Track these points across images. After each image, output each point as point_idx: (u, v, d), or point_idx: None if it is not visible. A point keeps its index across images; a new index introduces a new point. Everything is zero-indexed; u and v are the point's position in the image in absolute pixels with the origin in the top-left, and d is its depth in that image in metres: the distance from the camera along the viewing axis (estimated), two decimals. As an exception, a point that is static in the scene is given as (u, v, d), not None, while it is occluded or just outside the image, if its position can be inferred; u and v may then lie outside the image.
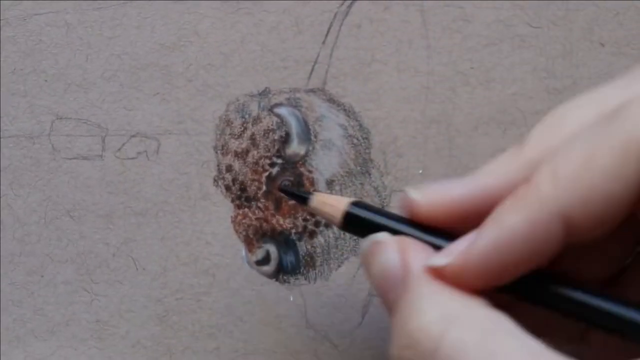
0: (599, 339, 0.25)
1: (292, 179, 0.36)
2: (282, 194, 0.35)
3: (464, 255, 0.23)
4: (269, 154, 0.36)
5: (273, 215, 0.36)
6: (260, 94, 0.36)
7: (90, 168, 0.36)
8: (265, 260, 0.36)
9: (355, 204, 0.28)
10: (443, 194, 0.25)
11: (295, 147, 0.36)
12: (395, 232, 0.26)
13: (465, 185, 0.24)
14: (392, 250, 0.25)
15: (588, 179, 0.21)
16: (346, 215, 0.28)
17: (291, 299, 0.36)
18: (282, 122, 0.36)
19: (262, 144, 0.36)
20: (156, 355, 0.37)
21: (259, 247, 0.36)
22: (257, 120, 0.36)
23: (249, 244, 0.36)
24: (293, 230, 0.36)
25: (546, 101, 0.36)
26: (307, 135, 0.36)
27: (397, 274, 0.24)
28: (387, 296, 0.25)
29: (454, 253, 0.23)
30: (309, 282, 0.36)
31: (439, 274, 0.23)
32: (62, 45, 0.36)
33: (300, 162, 0.36)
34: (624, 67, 0.36)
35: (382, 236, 0.26)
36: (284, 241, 0.36)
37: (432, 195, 0.25)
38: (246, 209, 0.36)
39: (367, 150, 0.36)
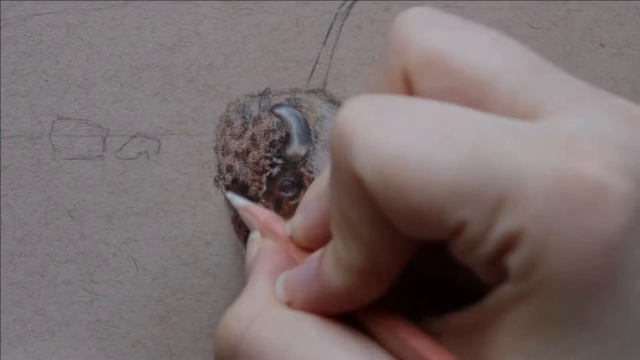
0: None
1: (292, 179, 0.36)
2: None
3: (300, 300, 0.24)
4: (269, 155, 0.36)
5: (273, 216, 0.36)
6: (260, 95, 0.36)
7: (91, 168, 0.36)
8: (266, 260, 0.36)
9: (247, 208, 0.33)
10: (301, 228, 0.27)
11: (296, 148, 0.36)
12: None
13: (313, 215, 0.27)
14: (252, 248, 0.29)
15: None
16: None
17: (291, 299, 0.36)
18: (282, 122, 0.36)
19: (262, 145, 0.36)
20: (156, 355, 0.37)
21: (260, 248, 0.36)
22: (257, 120, 0.36)
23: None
24: (293, 231, 0.36)
25: (546, 102, 0.36)
26: (307, 135, 0.36)
27: (249, 270, 0.28)
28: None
29: (291, 293, 0.24)
30: (310, 282, 0.37)
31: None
32: (63, 45, 0.36)
33: (301, 163, 0.36)
34: (625, 68, 0.36)
35: (253, 235, 0.30)
36: (285, 241, 0.36)
37: (296, 228, 0.28)
38: (247, 210, 0.36)
39: (367, 151, 0.36)
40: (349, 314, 0.23)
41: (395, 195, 0.19)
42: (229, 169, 0.36)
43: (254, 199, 0.36)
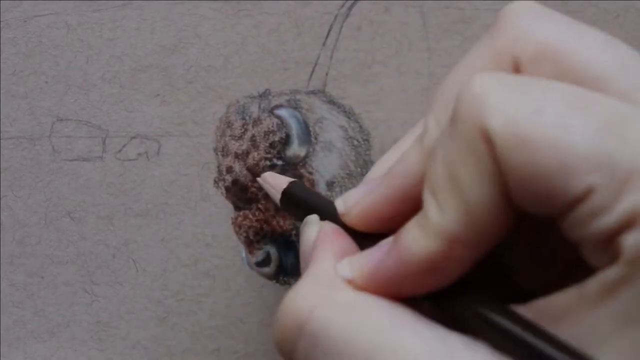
0: None
1: (292, 180, 0.36)
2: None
3: (368, 276, 0.23)
4: (269, 156, 0.36)
5: (273, 217, 0.36)
6: (260, 96, 0.36)
7: (91, 169, 0.36)
8: (266, 261, 0.36)
9: (294, 183, 0.30)
10: (360, 204, 0.25)
11: (296, 149, 0.36)
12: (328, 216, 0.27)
13: (379, 190, 0.24)
14: (311, 231, 0.26)
15: (461, 196, 0.21)
16: (284, 193, 0.29)
17: (291, 301, 0.36)
18: (282, 123, 0.36)
19: (262, 146, 0.36)
20: (156, 356, 0.37)
21: (260, 249, 0.36)
22: (257, 121, 0.36)
23: (250, 245, 0.36)
24: (293, 232, 0.36)
25: (546, 103, 0.36)
26: (307, 136, 0.36)
27: (308, 256, 0.25)
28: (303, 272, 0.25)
29: (358, 268, 0.23)
30: (309, 283, 0.36)
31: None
32: (63, 46, 0.36)
33: (301, 164, 0.36)
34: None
35: (311, 218, 0.27)
36: (285, 242, 0.36)
37: (352, 206, 0.25)
38: (247, 211, 0.36)
39: (367, 152, 0.36)
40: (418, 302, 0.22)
41: (527, 154, 0.19)
42: (229, 170, 0.36)
43: (254, 200, 0.36)
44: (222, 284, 0.36)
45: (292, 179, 0.30)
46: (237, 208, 0.36)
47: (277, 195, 0.30)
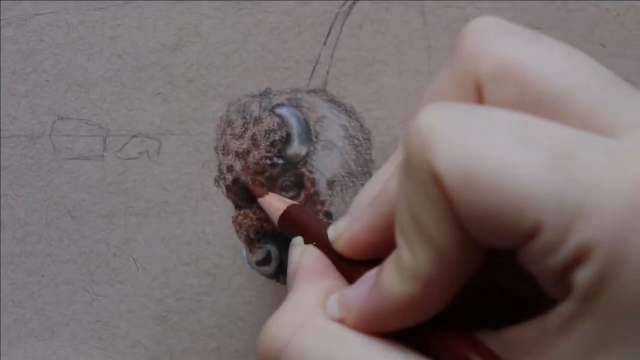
0: None
1: (293, 179, 0.36)
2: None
3: (356, 316, 0.23)
4: (270, 155, 0.36)
5: (274, 216, 0.36)
6: (261, 95, 0.36)
7: (92, 168, 0.36)
8: (266, 260, 0.36)
9: (294, 206, 0.32)
10: (348, 231, 0.26)
11: (296, 148, 0.36)
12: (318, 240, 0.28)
13: (364, 218, 0.25)
14: (295, 254, 0.28)
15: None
16: (282, 217, 0.31)
17: (292, 299, 0.36)
18: (283, 122, 0.36)
19: (263, 145, 0.36)
20: (156, 355, 0.37)
21: (260, 248, 0.36)
22: (258, 120, 0.36)
23: (250, 244, 0.36)
24: (294, 231, 0.36)
25: (547, 102, 0.36)
26: (308, 135, 0.36)
27: (292, 278, 0.26)
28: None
29: (346, 309, 0.23)
30: (310, 282, 0.36)
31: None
32: (63, 45, 0.36)
33: (301, 163, 0.36)
34: (625, 68, 0.36)
35: (296, 240, 0.29)
36: (285, 241, 0.36)
37: (341, 233, 0.26)
38: (247, 209, 0.36)
39: (368, 151, 0.36)
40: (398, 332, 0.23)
41: (475, 194, 0.19)
42: (230, 168, 0.36)
43: (255, 199, 0.36)
44: (223, 282, 0.36)
45: (293, 202, 0.32)
46: (238, 207, 0.36)
47: (275, 217, 0.32)
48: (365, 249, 0.25)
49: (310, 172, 0.36)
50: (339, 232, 0.26)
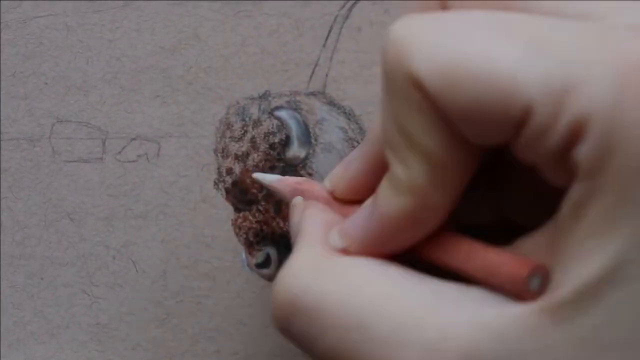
0: None
1: (292, 181, 0.36)
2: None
3: (359, 242, 0.23)
4: (269, 157, 0.36)
5: (273, 218, 0.36)
6: (260, 97, 0.36)
7: (91, 171, 0.36)
8: (266, 263, 0.36)
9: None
10: (344, 178, 0.26)
11: (296, 150, 0.36)
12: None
13: (356, 162, 0.26)
14: (298, 210, 0.28)
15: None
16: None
17: (291, 302, 0.36)
18: (282, 125, 0.36)
19: (262, 147, 0.36)
20: (156, 357, 0.37)
21: (259, 250, 0.36)
22: (257, 123, 0.36)
23: (249, 246, 0.36)
24: (293, 233, 0.36)
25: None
26: (307, 138, 0.36)
27: (296, 234, 0.26)
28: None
29: (347, 237, 0.24)
30: (309, 285, 0.36)
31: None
32: (62, 48, 0.36)
33: (301, 165, 0.36)
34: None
35: (296, 199, 0.28)
36: (284, 244, 0.36)
37: (337, 182, 0.27)
38: (246, 212, 0.36)
39: (367, 153, 0.36)
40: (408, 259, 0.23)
41: (459, 90, 0.19)
42: (229, 171, 0.36)
43: (254, 201, 0.36)
44: (222, 285, 0.36)
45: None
46: (237, 209, 0.36)
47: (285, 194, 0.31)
48: (362, 191, 0.26)
49: (310, 174, 0.36)
50: (335, 181, 0.27)
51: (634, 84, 0.18)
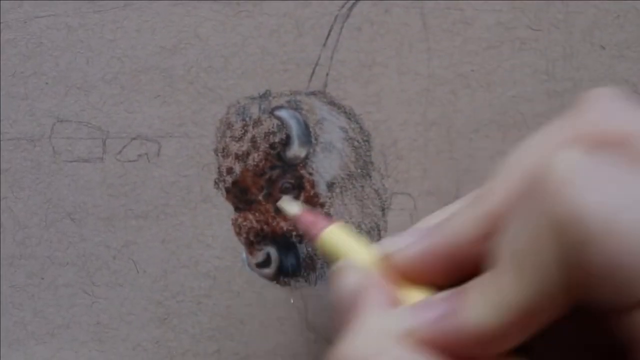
0: None
1: (292, 181, 0.36)
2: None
3: (428, 331, 0.22)
4: (269, 157, 0.36)
5: (274, 218, 0.36)
6: (260, 97, 0.36)
7: (91, 171, 0.36)
8: (266, 262, 0.36)
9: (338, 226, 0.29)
10: (408, 250, 0.24)
11: (296, 150, 0.36)
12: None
13: (428, 240, 0.24)
14: (350, 277, 0.25)
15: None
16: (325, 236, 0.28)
17: (292, 302, 0.36)
18: (282, 124, 0.36)
19: (262, 147, 0.36)
20: (157, 357, 0.37)
21: (260, 250, 0.36)
22: (257, 122, 0.36)
23: (250, 246, 0.36)
24: (294, 233, 0.36)
25: (546, 104, 0.36)
26: (307, 137, 0.36)
27: (346, 304, 0.24)
28: (339, 318, 0.25)
29: (417, 321, 0.22)
30: (310, 284, 0.36)
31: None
32: (63, 47, 0.36)
33: (301, 165, 0.36)
34: (625, 69, 0.36)
35: (350, 262, 0.26)
36: (285, 244, 0.36)
37: (396, 252, 0.25)
38: (247, 212, 0.36)
39: (367, 153, 0.36)
40: None
41: (618, 241, 0.18)
42: (229, 171, 0.36)
43: (254, 201, 0.36)
44: (223, 285, 0.36)
45: (332, 223, 0.29)
46: (238, 209, 0.36)
47: (313, 236, 0.29)
48: (421, 274, 0.24)
49: (310, 174, 0.36)
50: (394, 250, 0.25)
51: None
